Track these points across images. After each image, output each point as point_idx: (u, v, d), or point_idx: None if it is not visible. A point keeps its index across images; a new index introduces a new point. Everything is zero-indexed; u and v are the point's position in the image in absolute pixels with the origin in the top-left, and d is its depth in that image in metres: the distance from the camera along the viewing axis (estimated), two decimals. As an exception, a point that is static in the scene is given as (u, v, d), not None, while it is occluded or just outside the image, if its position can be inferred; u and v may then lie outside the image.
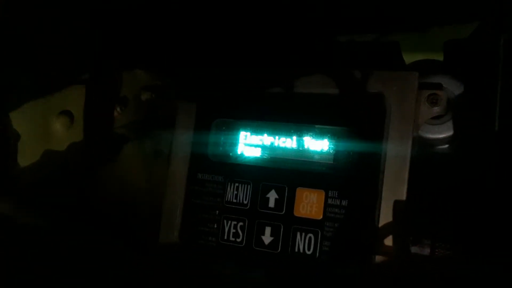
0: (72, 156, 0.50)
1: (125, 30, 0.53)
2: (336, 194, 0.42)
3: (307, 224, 0.43)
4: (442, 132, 0.44)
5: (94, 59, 0.52)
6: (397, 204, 0.40)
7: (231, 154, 0.47)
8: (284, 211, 0.44)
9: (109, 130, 0.53)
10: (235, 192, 0.46)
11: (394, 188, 0.40)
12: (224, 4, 0.51)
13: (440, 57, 0.49)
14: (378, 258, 0.39)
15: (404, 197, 0.40)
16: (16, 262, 0.43)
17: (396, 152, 0.41)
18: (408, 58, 0.51)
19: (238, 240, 0.45)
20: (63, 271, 0.44)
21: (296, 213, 0.43)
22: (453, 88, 0.44)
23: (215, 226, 0.46)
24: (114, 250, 0.47)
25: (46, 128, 0.49)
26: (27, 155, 0.47)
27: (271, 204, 0.44)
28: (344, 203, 0.42)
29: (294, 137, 0.45)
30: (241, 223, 0.45)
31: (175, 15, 0.52)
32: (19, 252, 0.44)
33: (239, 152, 0.47)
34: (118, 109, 0.53)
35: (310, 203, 0.43)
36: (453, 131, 0.43)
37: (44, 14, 0.47)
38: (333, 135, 0.44)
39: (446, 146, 0.44)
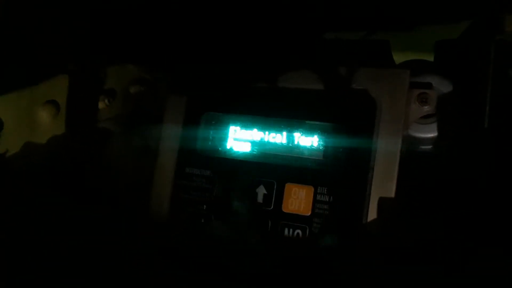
0: (57, 146, 0.49)
1: (116, 23, 0.52)
2: (325, 190, 0.42)
3: (296, 220, 0.43)
4: (432, 132, 0.44)
5: (82, 49, 0.52)
6: (386, 201, 0.40)
7: (220, 148, 0.47)
8: (272, 207, 0.44)
9: (94, 121, 0.52)
10: (224, 187, 0.45)
11: (383, 186, 0.40)
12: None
13: (430, 58, 0.49)
14: (366, 254, 0.39)
15: (393, 195, 0.40)
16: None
17: (385, 150, 0.41)
18: (398, 58, 0.51)
19: (225, 235, 0.45)
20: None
21: (284, 209, 0.43)
22: (443, 87, 0.44)
23: (203, 221, 0.46)
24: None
25: (32, 117, 0.48)
26: (11, 144, 0.46)
27: (260, 199, 0.44)
28: (333, 199, 0.42)
29: (284, 133, 0.45)
30: (228, 218, 0.45)
31: (167, 9, 0.52)
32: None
33: (228, 146, 0.47)
34: (106, 101, 0.53)
35: (298, 199, 0.43)
36: (441, 131, 0.43)
37: (33, 5, 0.46)
38: (323, 131, 0.44)
39: (435, 145, 0.44)
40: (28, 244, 0.44)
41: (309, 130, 0.44)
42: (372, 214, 0.40)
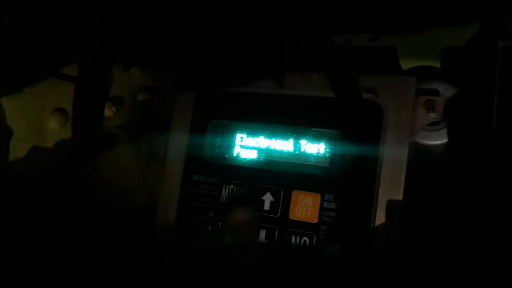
0: (64, 154, 0.49)
1: (123, 28, 0.52)
2: (332, 197, 0.42)
3: (302, 228, 0.43)
4: (439, 138, 0.44)
5: (90, 57, 0.52)
6: (392, 208, 0.40)
7: (227, 155, 0.47)
8: (279, 214, 0.44)
9: (102, 129, 0.53)
10: (230, 194, 0.45)
11: (390, 193, 0.40)
12: (222, 4, 0.51)
13: (436, 64, 0.49)
14: (374, 262, 0.39)
15: (400, 202, 0.40)
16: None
17: (392, 157, 0.41)
18: (404, 65, 0.51)
19: (232, 242, 0.45)
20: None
21: (291, 216, 0.43)
22: (450, 94, 0.44)
23: (210, 228, 0.46)
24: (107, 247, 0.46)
25: (40, 125, 0.48)
26: (20, 152, 0.47)
27: (266, 206, 0.44)
28: (339, 206, 0.42)
29: (291, 140, 0.45)
30: (235, 226, 0.45)
31: (173, 15, 0.52)
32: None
33: (235, 153, 0.47)
34: (114, 108, 0.53)
35: (305, 206, 0.43)
36: (449, 137, 0.43)
37: (43, 11, 0.47)
38: (329, 139, 0.44)
39: (443, 152, 0.44)
40: (31, 250, 0.44)
41: (316, 137, 0.44)
42: (379, 221, 0.40)
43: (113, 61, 0.53)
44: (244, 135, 0.47)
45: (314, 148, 0.44)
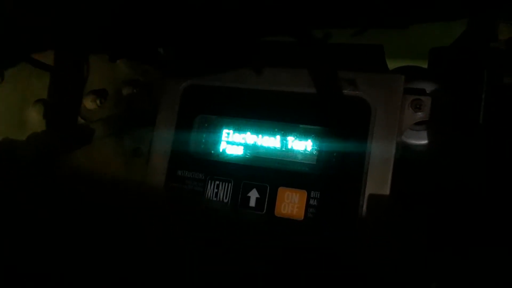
0: (46, 146, 0.48)
1: (110, 21, 0.52)
2: (318, 194, 0.42)
3: (288, 225, 0.42)
4: (425, 138, 0.44)
5: (73, 48, 0.51)
6: (379, 207, 0.40)
7: (212, 151, 0.46)
8: (265, 211, 0.43)
9: (85, 122, 0.52)
10: (216, 190, 0.45)
11: (376, 191, 0.40)
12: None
13: (423, 64, 0.50)
14: (360, 259, 0.39)
15: (386, 200, 0.40)
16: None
17: (379, 155, 0.41)
18: (391, 65, 0.51)
19: (217, 239, 0.44)
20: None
21: (277, 213, 0.43)
22: (437, 94, 0.44)
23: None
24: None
25: (21, 116, 0.47)
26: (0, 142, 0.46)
27: (252, 203, 0.44)
28: (326, 204, 0.41)
29: (278, 136, 0.44)
30: (220, 222, 0.44)
31: (160, 8, 0.52)
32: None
33: (221, 149, 0.46)
34: (98, 101, 0.52)
35: (291, 203, 0.42)
36: (435, 137, 0.43)
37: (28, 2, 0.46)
38: (316, 136, 0.43)
39: (429, 151, 0.44)
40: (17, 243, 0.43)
41: (303, 134, 0.44)
42: (365, 219, 0.40)
43: (98, 53, 0.53)
44: (231, 131, 0.46)
45: (301, 145, 0.44)
